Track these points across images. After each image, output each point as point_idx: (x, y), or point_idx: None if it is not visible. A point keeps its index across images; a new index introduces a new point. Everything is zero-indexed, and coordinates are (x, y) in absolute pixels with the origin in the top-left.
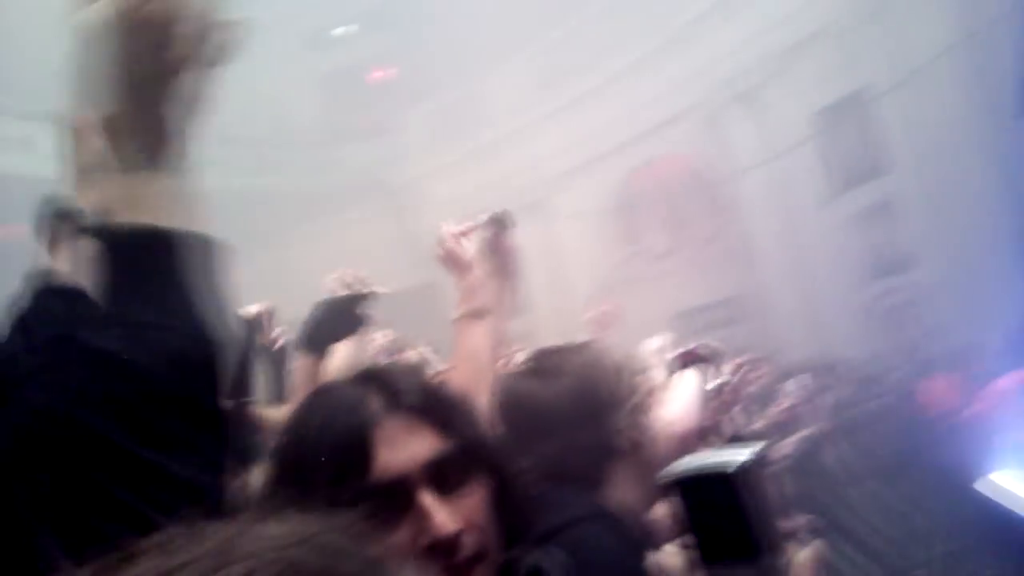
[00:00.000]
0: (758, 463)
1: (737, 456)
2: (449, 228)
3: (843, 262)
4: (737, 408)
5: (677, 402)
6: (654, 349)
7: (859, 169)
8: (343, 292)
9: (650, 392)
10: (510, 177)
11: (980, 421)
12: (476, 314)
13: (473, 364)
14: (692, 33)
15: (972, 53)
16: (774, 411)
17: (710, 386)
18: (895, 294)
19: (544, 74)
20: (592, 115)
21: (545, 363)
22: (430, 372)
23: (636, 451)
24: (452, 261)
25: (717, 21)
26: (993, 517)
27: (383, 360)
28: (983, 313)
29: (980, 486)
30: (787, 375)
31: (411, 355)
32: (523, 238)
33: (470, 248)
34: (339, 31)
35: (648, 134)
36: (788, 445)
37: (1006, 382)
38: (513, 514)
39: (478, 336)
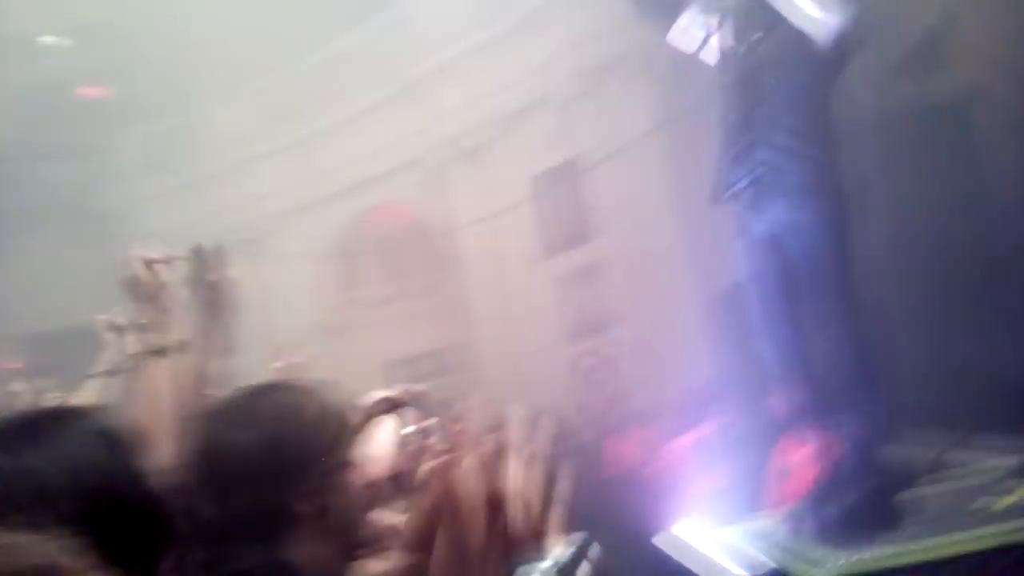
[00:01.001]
0: (585, 560)
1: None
2: (140, 253)
3: (552, 320)
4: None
5: (369, 448)
6: (374, 402)
7: (570, 232)
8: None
9: (351, 447)
10: (226, 211)
11: (663, 476)
12: (158, 351)
13: (153, 407)
14: (422, 89)
15: (675, 134)
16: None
17: (408, 430)
18: (596, 352)
19: (270, 111)
20: (317, 157)
21: (240, 406)
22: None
23: (323, 516)
24: (136, 289)
25: (446, 80)
26: (669, 571)
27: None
28: (674, 374)
29: (659, 540)
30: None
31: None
32: (237, 276)
33: (161, 278)
34: (46, 40)
35: (372, 182)
36: None
37: (688, 439)
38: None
39: (161, 375)
